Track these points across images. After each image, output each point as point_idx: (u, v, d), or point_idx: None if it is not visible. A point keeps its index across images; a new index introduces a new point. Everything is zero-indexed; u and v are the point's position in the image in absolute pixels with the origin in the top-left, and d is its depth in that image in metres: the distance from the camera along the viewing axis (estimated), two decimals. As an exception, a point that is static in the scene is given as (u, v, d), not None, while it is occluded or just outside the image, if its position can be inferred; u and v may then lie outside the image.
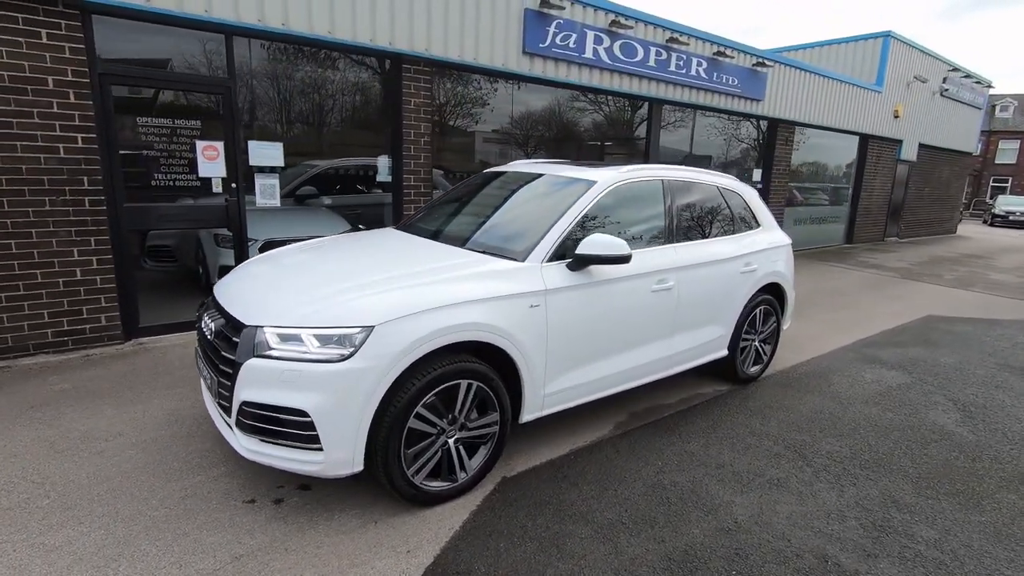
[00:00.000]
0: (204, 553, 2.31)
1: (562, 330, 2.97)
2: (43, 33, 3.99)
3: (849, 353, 5.28)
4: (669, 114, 9.29)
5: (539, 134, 7.97)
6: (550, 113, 7.97)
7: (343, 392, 2.30)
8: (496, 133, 7.62)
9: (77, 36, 4.11)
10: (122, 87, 4.48)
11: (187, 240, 5.77)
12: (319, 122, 5.77)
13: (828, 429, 3.66)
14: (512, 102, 7.55)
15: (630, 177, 3.50)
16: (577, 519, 2.62)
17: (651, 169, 3.69)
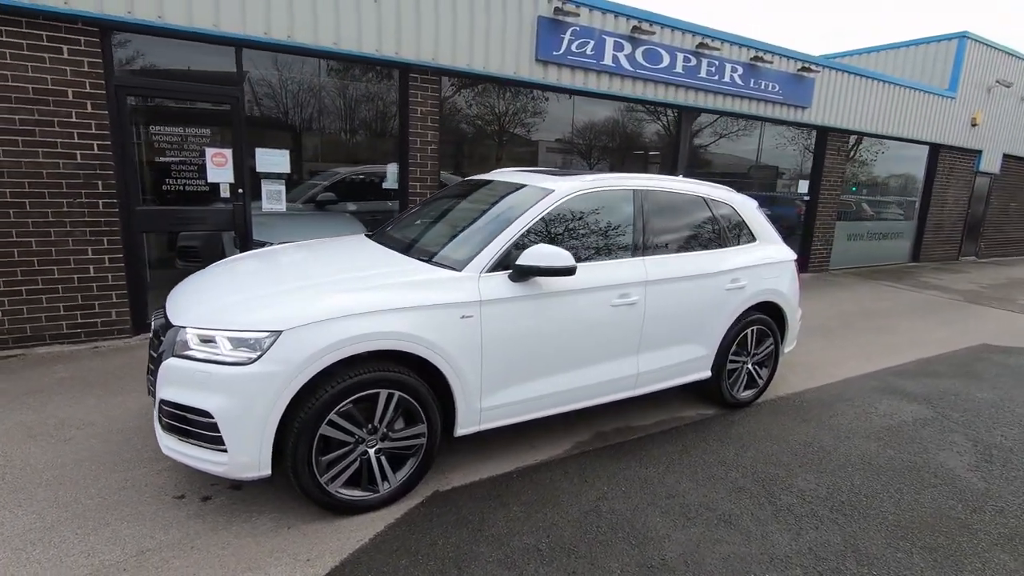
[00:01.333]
0: (116, 544, 2.38)
1: (501, 343, 2.87)
2: (64, 49, 4.34)
3: (870, 381, 4.81)
4: (731, 124, 9.09)
5: (602, 144, 7.91)
6: (612, 123, 7.91)
7: (246, 395, 2.31)
8: (559, 143, 7.63)
9: (95, 51, 4.44)
10: (136, 97, 4.79)
11: (212, 241, 6.08)
12: (328, 130, 5.94)
13: (810, 464, 3.34)
14: (573, 111, 7.52)
15: (594, 186, 3.35)
16: (492, 542, 2.51)
17: (621, 178, 3.52)
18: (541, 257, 2.82)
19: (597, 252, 3.29)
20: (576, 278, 3.08)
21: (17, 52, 4.20)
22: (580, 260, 3.19)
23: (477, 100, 6.82)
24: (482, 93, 6.79)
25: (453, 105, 6.65)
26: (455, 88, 6.61)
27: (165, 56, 4.87)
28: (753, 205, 4.19)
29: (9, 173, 4.31)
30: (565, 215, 3.23)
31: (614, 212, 3.42)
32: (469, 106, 6.80)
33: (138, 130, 4.84)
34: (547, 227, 3.14)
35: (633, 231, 3.44)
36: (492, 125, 7.12)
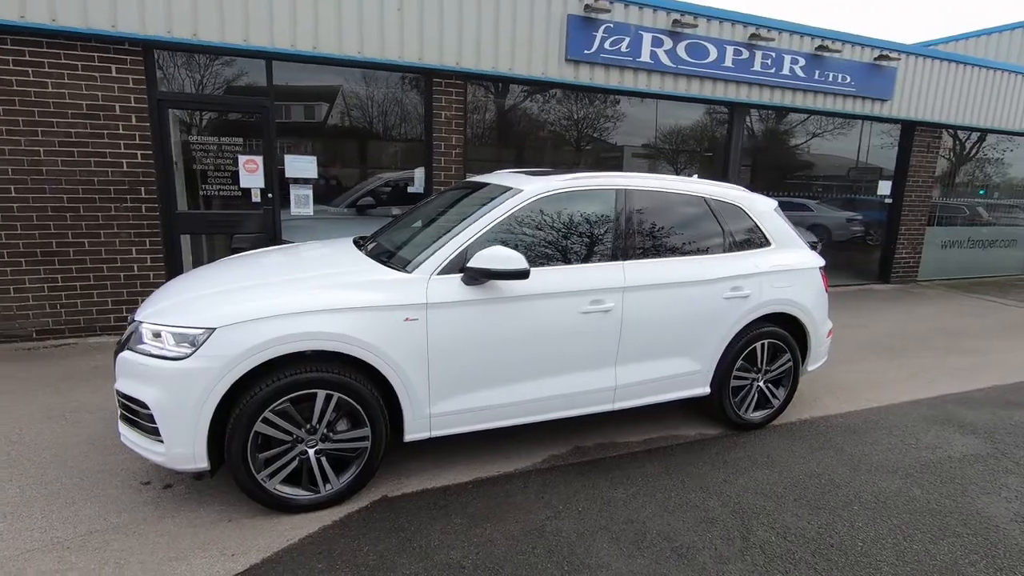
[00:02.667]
0: (71, 523, 2.55)
1: (452, 347, 2.77)
2: (113, 68, 4.79)
3: (923, 408, 4.20)
4: (826, 123, 8.64)
5: (690, 148, 7.70)
6: (701, 127, 7.69)
7: (178, 388, 2.39)
8: (646, 148, 7.54)
9: (139, 68, 4.86)
10: (176, 109, 5.19)
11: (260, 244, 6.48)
12: (356, 136, 6.13)
13: (809, 498, 2.94)
14: (657, 115, 7.36)
15: (568, 186, 3.17)
16: (416, 554, 2.42)
17: (603, 177, 3.31)
18: (492, 260, 2.71)
19: (568, 255, 3.11)
20: (539, 282, 2.93)
21: (73, 72, 4.70)
22: (546, 264, 3.03)
23: (548, 106, 6.84)
24: (557, 99, 6.83)
25: (523, 112, 6.72)
26: (525, 94, 6.68)
27: (205, 70, 5.24)
28: (769, 206, 3.80)
29: (66, 181, 4.82)
30: (534, 216, 3.08)
31: (591, 213, 3.22)
32: (541, 112, 6.80)
33: (177, 140, 5.25)
34: (513, 229, 3.01)
35: (613, 233, 3.22)
36: (570, 131, 7.08)
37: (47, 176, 4.76)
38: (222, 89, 5.33)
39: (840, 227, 10.16)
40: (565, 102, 7.00)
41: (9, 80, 4.55)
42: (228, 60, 5.25)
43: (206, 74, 5.26)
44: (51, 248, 4.88)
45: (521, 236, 3.02)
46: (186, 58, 5.15)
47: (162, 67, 5.08)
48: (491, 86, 6.49)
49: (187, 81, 5.21)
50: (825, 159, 9.13)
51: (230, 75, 5.33)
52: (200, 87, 5.26)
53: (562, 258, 3.09)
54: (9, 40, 4.50)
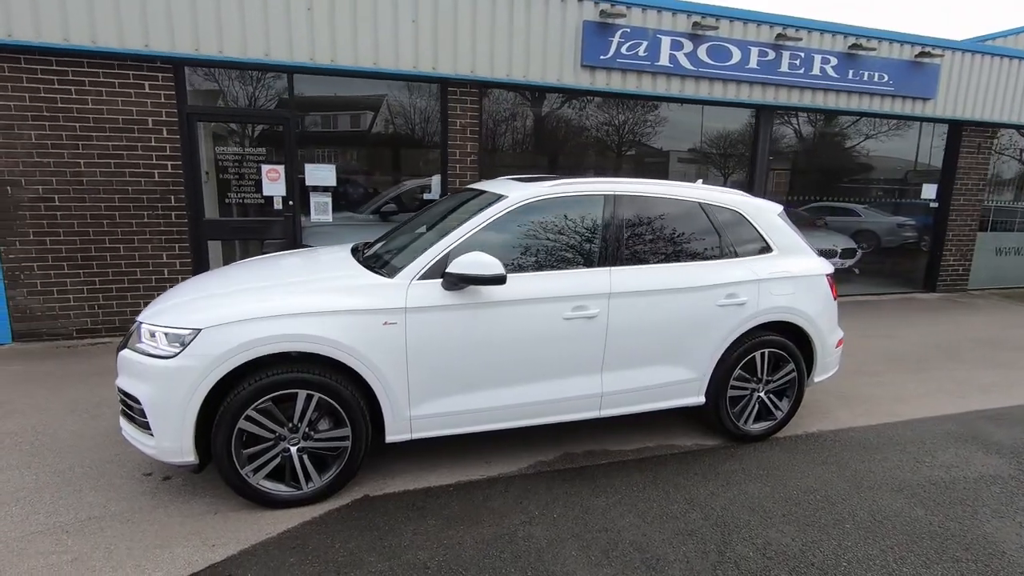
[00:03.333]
0: (74, 509, 2.73)
1: (430, 351, 2.82)
2: (146, 84, 5.12)
3: (947, 424, 3.96)
4: (876, 124, 8.42)
5: (738, 152, 7.65)
6: (749, 130, 7.66)
7: (166, 385, 2.53)
8: (691, 153, 7.55)
9: (170, 84, 5.17)
10: (204, 122, 5.48)
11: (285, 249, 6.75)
12: (373, 145, 6.30)
13: (799, 514, 2.82)
14: (703, 119, 7.35)
15: (554, 192, 3.17)
16: (385, 552, 2.46)
17: (592, 183, 3.29)
18: (469, 265, 2.74)
19: (553, 261, 3.11)
20: (520, 287, 2.95)
21: (111, 89, 5.04)
22: (529, 269, 3.04)
23: (586, 112, 6.91)
24: (596, 105, 6.88)
25: (559, 118, 6.81)
26: (561, 100, 6.76)
27: (229, 84, 5.52)
28: (772, 211, 3.68)
29: (104, 190, 5.17)
30: (518, 222, 3.10)
31: (578, 219, 3.21)
32: (578, 118, 6.88)
33: (206, 151, 5.55)
34: (496, 235, 3.04)
35: (600, 239, 3.20)
36: (611, 137, 7.12)
37: (87, 186, 5.12)
38: (246, 102, 5.60)
39: (890, 232, 9.69)
40: (605, 108, 7.00)
41: (54, 98, 4.93)
42: (251, 74, 5.51)
43: (232, 88, 5.54)
44: (90, 253, 5.24)
45: (504, 242, 3.04)
46: (213, 73, 5.44)
47: (192, 83, 5.38)
48: (528, 94, 6.57)
49: (214, 95, 5.50)
50: (873, 162, 8.79)
51: (253, 88, 5.59)
52: (226, 100, 5.55)
53: (546, 264, 3.10)
54: (54, 61, 4.88)
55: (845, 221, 9.97)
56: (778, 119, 7.86)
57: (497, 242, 3.03)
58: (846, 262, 9.09)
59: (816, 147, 8.55)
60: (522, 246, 3.09)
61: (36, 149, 4.96)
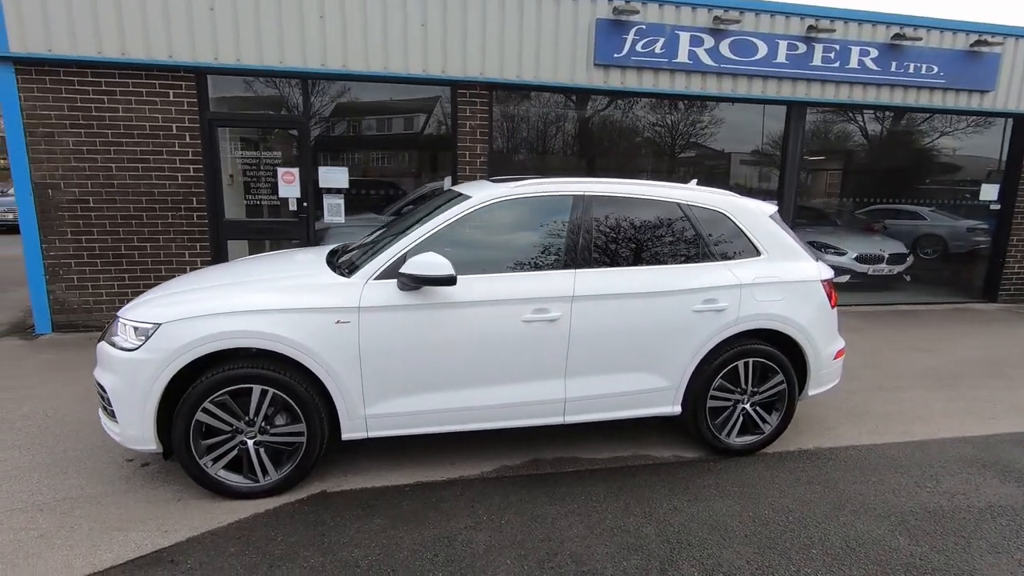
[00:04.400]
0: (54, 489, 2.91)
1: (384, 351, 2.84)
2: (171, 92, 5.43)
3: (964, 447, 3.61)
4: (955, 121, 7.91)
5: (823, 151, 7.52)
6: (815, 130, 7.48)
7: (129, 376, 2.67)
8: (754, 155, 7.42)
9: (192, 92, 5.47)
10: (225, 127, 5.76)
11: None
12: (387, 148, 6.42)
13: (763, 536, 2.64)
14: (763, 119, 7.21)
15: (519, 193, 3.11)
16: (322, 548, 2.49)
17: (561, 183, 3.21)
18: (421, 266, 2.74)
19: (516, 263, 3.06)
20: (477, 289, 2.92)
21: (139, 97, 5.39)
22: (487, 271, 3.01)
23: (635, 114, 6.87)
24: (651, 106, 6.83)
25: (605, 119, 6.80)
26: (605, 102, 6.73)
27: (249, 90, 5.78)
28: (762, 212, 3.47)
29: (133, 192, 5.53)
30: (480, 223, 3.07)
31: (544, 220, 3.14)
32: (624, 118, 6.86)
33: (227, 154, 5.82)
34: (456, 235, 3.02)
35: (566, 241, 3.12)
36: (663, 138, 7.05)
37: (117, 188, 5.49)
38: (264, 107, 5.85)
39: (958, 237, 9.00)
40: (658, 108, 6.88)
41: (89, 107, 5.32)
42: (268, 81, 5.74)
43: (250, 94, 5.80)
44: (120, 251, 5.61)
45: (465, 243, 3.02)
46: (232, 81, 5.71)
47: (222, 90, 5.67)
48: (557, 96, 6.55)
49: (233, 101, 5.78)
50: (936, 160, 8.18)
51: (270, 94, 5.83)
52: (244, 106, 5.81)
53: (508, 265, 3.05)
54: (89, 73, 5.26)
55: (908, 225, 9.31)
56: (830, 116, 7.46)
57: (458, 243, 3.01)
58: (894, 268, 8.48)
59: (872, 145, 8.03)
60: (484, 247, 3.06)
61: (73, 155, 5.37)
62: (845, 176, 9.36)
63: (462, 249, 3.00)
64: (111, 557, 2.42)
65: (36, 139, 5.26)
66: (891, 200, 8.95)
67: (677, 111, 7.03)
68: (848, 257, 8.39)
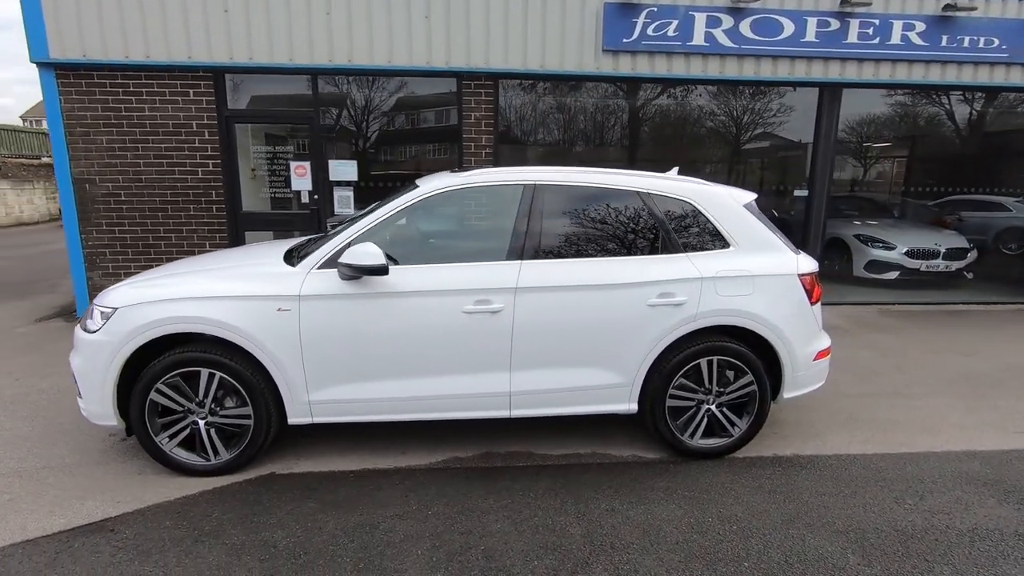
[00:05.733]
0: (38, 458, 3.17)
1: (325, 339, 2.89)
2: (191, 91, 5.76)
3: (971, 463, 3.24)
4: None
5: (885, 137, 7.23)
6: (898, 114, 7.16)
7: (89, 356, 2.86)
8: (850, 144, 7.24)
9: (210, 90, 5.77)
10: (241, 123, 6.03)
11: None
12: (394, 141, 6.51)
13: (696, 545, 2.48)
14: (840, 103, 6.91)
15: (467, 182, 3.07)
16: (248, 527, 2.57)
17: (512, 173, 3.14)
18: (355, 255, 2.77)
19: (461, 253, 3.03)
20: (417, 279, 2.91)
21: (163, 96, 5.74)
22: (435, 261, 2.99)
23: (693, 100, 6.73)
24: (714, 93, 6.67)
25: (659, 108, 6.71)
26: (655, 91, 6.62)
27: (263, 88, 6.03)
28: (735, 201, 3.24)
29: (159, 186, 5.91)
30: (426, 213, 3.06)
31: (494, 210, 3.10)
32: (678, 107, 6.73)
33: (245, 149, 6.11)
34: (401, 226, 3.03)
35: (513, 231, 3.04)
36: (728, 127, 6.87)
37: (145, 183, 5.89)
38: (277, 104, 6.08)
39: None
40: (723, 95, 6.64)
41: (119, 107, 5.72)
42: (281, 78, 5.96)
43: (265, 91, 6.05)
44: (148, 241, 6.03)
45: (410, 232, 3.02)
46: (249, 79, 5.97)
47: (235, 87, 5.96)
48: (580, 85, 6.44)
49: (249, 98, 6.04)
50: None
51: (283, 91, 6.05)
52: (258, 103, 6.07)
53: (454, 255, 3.02)
54: (119, 75, 5.66)
55: (988, 217, 8.50)
56: (896, 100, 6.90)
57: (404, 233, 3.02)
58: (952, 264, 7.74)
59: (945, 129, 7.36)
60: (430, 237, 3.05)
61: (107, 152, 5.80)
62: (912, 164, 8.63)
63: (407, 239, 3.01)
64: (63, 523, 2.62)
65: (75, 137, 5.73)
66: (968, 190, 8.18)
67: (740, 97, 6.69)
68: (897, 252, 7.74)
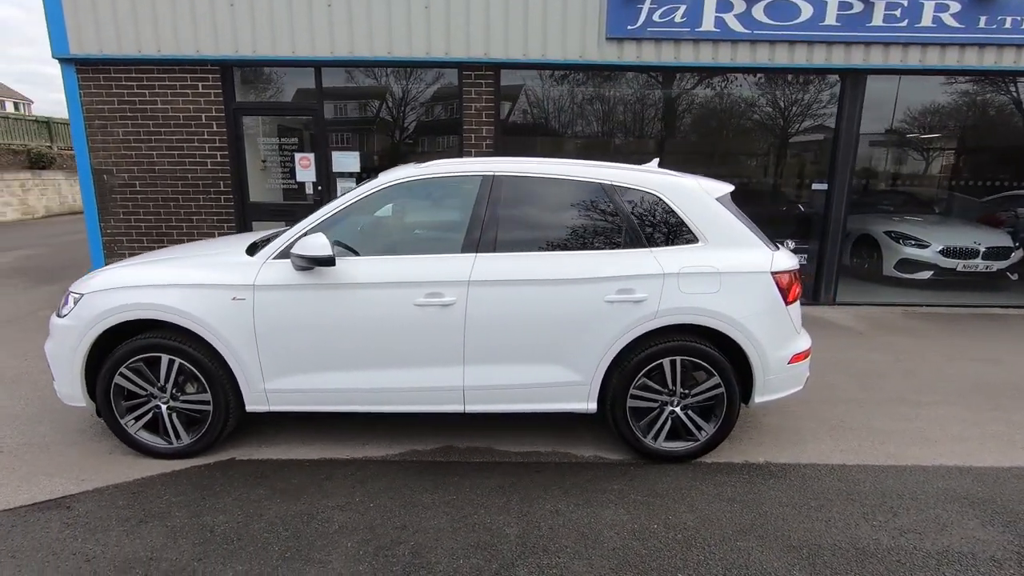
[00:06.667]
0: (22, 435, 3.33)
1: (278, 328, 2.91)
2: (200, 84, 5.92)
3: (963, 479, 3.00)
4: None
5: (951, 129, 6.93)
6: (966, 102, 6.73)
7: (58, 341, 2.98)
8: (890, 134, 6.98)
9: (218, 83, 5.92)
10: (248, 116, 6.17)
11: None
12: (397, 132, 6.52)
13: (630, 552, 2.38)
14: (898, 93, 6.70)
15: (425, 173, 3.02)
16: (192, 511, 2.63)
17: (470, 163, 3.07)
18: (304, 246, 2.78)
19: (417, 245, 3.00)
20: (368, 270, 2.90)
21: (174, 90, 5.93)
22: (391, 252, 2.97)
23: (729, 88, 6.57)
24: (755, 81, 6.50)
25: (692, 99, 6.58)
26: (693, 81, 6.48)
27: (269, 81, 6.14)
28: (706, 193, 3.07)
29: (171, 177, 6.12)
30: (385, 204, 3.04)
31: (451, 201, 3.04)
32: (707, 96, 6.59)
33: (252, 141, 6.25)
34: (357, 217, 3.02)
35: (469, 223, 2.98)
36: (773, 118, 6.71)
37: (158, 173, 6.11)
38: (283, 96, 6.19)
39: None
40: (766, 84, 6.44)
41: (133, 100, 5.95)
42: (286, 71, 6.06)
43: (271, 84, 6.16)
44: (162, 229, 6.26)
45: (366, 224, 3.01)
46: (254, 72, 6.09)
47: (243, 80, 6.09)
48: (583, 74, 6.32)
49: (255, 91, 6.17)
50: None
51: (288, 83, 6.15)
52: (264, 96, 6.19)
53: (409, 247, 3.00)
54: (133, 70, 5.88)
55: None
56: (944, 87, 6.48)
57: (361, 224, 3.01)
58: (993, 264, 7.21)
59: (998, 120, 6.87)
60: (386, 228, 3.03)
61: (123, 144, 6.04)
62: (961, 156, 8.08)
63: (364, 230, 3.00)
64: (26, 498, 2.74)
65: (93, 130, 5.99)
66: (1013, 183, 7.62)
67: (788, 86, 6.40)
68: (931, 250, 7.27)
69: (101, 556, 2.32)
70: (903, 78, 6.29)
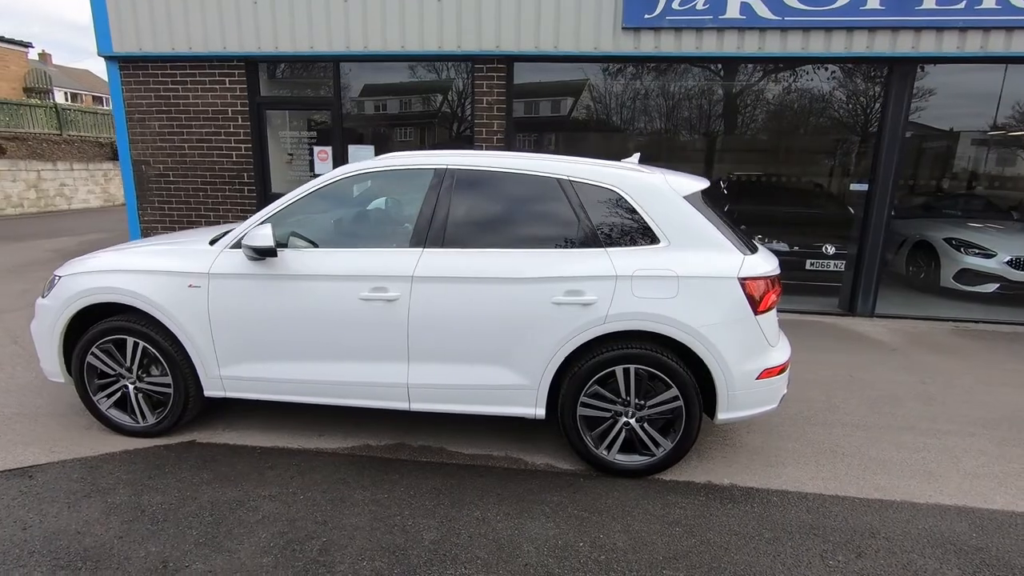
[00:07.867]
0: (16, 405, 3.58)
1: (231, 316, 2.97)
2: (227, 80, 6.18)
3: (956, 521, 2.64)
4: None
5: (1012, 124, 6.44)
6: None
7: (40, 319, 3.17)
8: (999, 131, 6.57)
9: (243, 79, 6.15)
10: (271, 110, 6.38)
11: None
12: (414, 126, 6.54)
13: (543, 570, 2.24)
14: (1004, 85, 6.33)
15: (378, 166, 2.98)
16: (135, 489, 2.72)
17: (423, 156, 3.00)
18: (251, 237, 2.81)
19: (366, 238, 2.97)
20: (315, 262, 2.91)
21: (203, 85, 6.22)
22: (340, 245, 2.96)
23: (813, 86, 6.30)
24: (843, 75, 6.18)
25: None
26: (759, 74, 6.29)
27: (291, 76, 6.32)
28: (673, 191, 2.84)
29: (200, 168, 6.44)
30: (337, 196, 3.03)
31: (402, 194, 2.99)
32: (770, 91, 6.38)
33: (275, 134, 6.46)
34: (310, 209, 3.02)
35: (419, 217, 2.91)
36: (857, 115, 6.42)
37: (189, 165, 6.44)
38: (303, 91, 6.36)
39: None
40: (798, 76, 6.08)
41: (167, 95, 6.29)
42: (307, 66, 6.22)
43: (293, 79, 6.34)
44: (192, 218, 6.60)
45: (317, 216, 3.01)
46: (278, 67, 6.28)
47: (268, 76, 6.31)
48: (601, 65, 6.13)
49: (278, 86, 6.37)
50: None
51: (309, 78, 6.31)
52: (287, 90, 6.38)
53: (358, 240, 2.97)
54: (168, 66, 6.21)
55: None
56: None
57: (313, 216, 3.01)
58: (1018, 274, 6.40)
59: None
60: (337, 220, 3.01)
61: (159, 136, 6.41)
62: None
63: (317, 222, 3.00)
64: (-1, 465, 2.94)
65: (133, 123, 6.39)
66: None
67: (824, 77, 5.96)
68: (996, 260, 6.53)
69: (36, 526, 2.44)
70: (968, 67, 5.64)
